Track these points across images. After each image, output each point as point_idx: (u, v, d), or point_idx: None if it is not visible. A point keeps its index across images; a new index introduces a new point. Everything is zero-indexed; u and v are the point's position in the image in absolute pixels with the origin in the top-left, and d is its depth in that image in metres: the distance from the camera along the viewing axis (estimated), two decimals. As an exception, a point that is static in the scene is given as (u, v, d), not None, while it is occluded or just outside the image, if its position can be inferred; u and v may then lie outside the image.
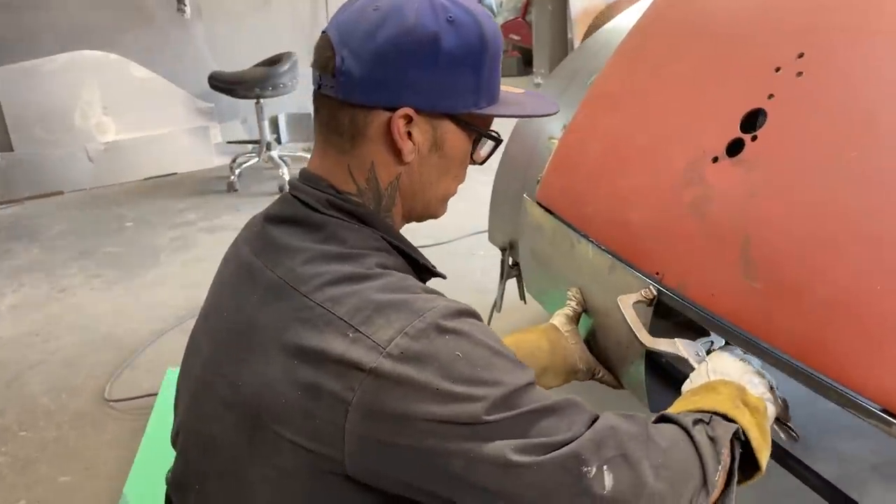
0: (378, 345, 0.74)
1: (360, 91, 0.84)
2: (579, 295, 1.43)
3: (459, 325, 0.77)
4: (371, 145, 0.87)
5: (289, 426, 0.76)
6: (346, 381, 0.73)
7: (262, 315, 0.83)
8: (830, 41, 1.16)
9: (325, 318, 0.77)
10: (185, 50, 5.22)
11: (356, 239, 0.87)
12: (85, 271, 3.58)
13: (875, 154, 1.02)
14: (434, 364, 0.73)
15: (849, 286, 0.98)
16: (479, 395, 0.73)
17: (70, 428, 2.32)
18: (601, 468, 0.73)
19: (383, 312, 0.76)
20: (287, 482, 0.79)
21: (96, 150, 4.91)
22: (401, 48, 0.82)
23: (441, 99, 0.86)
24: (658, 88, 1.41)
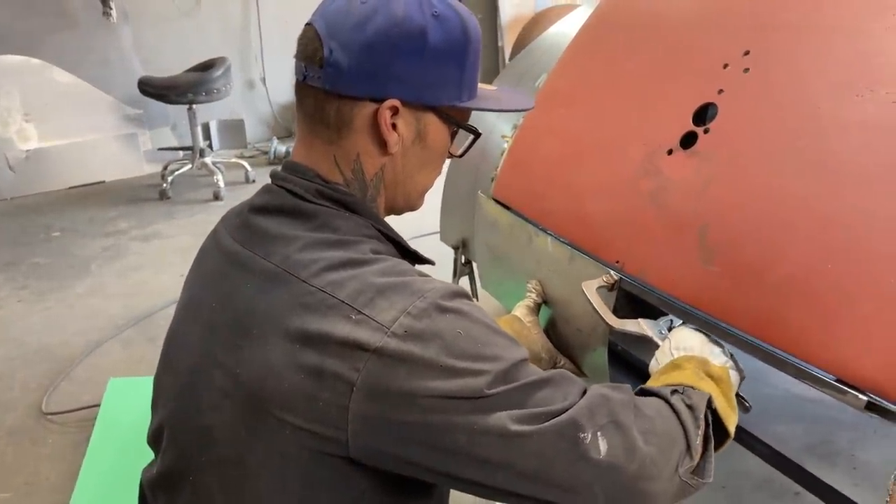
0: (382, 325, 0.76)
1: (347, 82, 0.85)
2: (539, 286, 1.48)
3: (458, 304, 0.80)
4: (357, 136, 0.88)
5: (291, 410, 0.77)
6: (351, 361, 0.75)
7: (259, 302, 0.83)
8: (774, 39, 1.24)
9: (328, 303, 0.78)
10: (111, 55, 5.06)
11: (348, 227, 0.88)
12: (11, 283, 3.43)
13: (821, 142, 1.10)
14: (437, 342, 0.76)
15: (802, 266, 1.04)
16: (481, 370, 0.76)
17: (7, 443, 2.22)
18: (595, 434, 0.77)
19: (384, 294, 0.78)
20: (289, 467, 0.79)
21: (17, 158, 4.70)
22: (390, 40, 0.84)
23: (426, 91, 0.88)
24: (612, 85, 1.47)
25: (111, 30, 5.01)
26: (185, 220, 4.24)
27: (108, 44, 5.04)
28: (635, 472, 0.79)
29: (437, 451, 0.76)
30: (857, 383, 0.96)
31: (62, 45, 4.82)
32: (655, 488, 0.81)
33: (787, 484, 1.86)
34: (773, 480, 1.89)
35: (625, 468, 0.78)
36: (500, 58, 6.92)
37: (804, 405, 2.20)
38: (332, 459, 0.78)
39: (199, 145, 4.75)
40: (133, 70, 5.03)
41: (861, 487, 1.87)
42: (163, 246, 3.86)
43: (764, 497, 1.86)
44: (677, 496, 0.86)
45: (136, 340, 2.82)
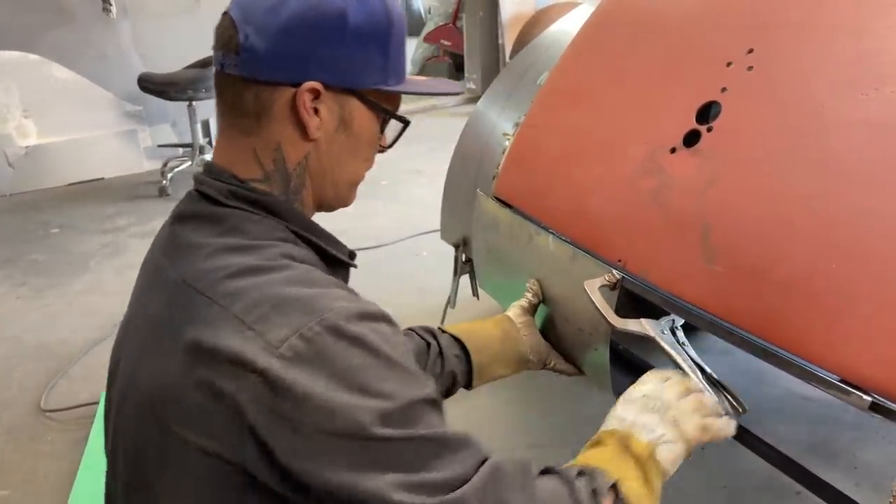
0: (271, 344, 0.72)
1: (264, 67, 0.82)
2: (536, 287, 1.46)
3: (359, 329, 0.74)
4: (277, 124, 0.85)
5: (191, 428, 0.74)
6: (240, 381, 0.71)
7: (165, 315, 0.81)
8: (778, 37, 1.23)
9: (222, 315, 0.75)
10: (110, 51, 5.05)
11: (259, 230, 0.85)
12: (10, 280, 3.42)
13: (824, 141, 1.09)
14: (326, 370, 0.71)
15: (806, 266, 1.04)
16: (368, 407, 0.71)
17: (5, 441, 2.22)
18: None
19: (280, 310, 0.74)
20: (198, 491, 0.76)
21: (16, 154, 4.70)
22: (307, 22, 0.82)
23: (348, 75, 0.86)
24: (614, 83, 1.46)
25: (110, 25, 4.99)
26: (184, 218, 4.23)
27: (108, 40, 5.02)
28: None
29: (318, 485, 0.71)
30: (861, 384, 0.96)
31: (61, 41, 4.81)
32: None
33: (788, 484, 1.85)
34: (775, 480, 1.88)
35: None
36: (501, 56, 6.91)
37: (806, 405, 2.20)
38: (234, 479, 0.74)
39: (199, 142, 4.74)
40: (132, 66, 5.02)
41: (862, 487, 1.86)
42: (162, 243, 3.85)
43: (765, 497, 1.86)
44: None
45: (135, 338, 2.81)
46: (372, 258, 3.46)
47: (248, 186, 0.86)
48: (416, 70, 8.68)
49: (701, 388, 1.10)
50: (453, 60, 8.43)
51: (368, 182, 1.02)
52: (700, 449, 2.05)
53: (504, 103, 1.94)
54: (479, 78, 7.24)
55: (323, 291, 0.77)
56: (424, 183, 4.52)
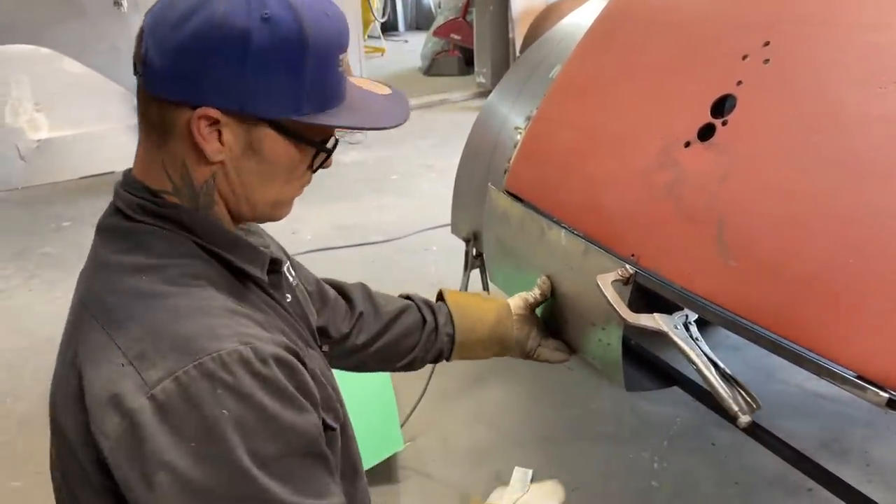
0: (146, 384, 0.71)
1: (162, 85, 0.78)
2: (547, 285, 1.46)
3: (236, 374, 0.72)
4: (180, 142, 0.81)
5: (78, 447, 0.76)
6: (110, 415, 0.71)
7: (67, 333, 0.82)
8: (795, 30, 1.22)
9: (106, 344, 0.75)
10: (121, 44, 5.06)
11: (163, 247, 0.82)
12: (22, 273, 3.44)
13: (841, 136, 1.08)
14: (195, 416, 0.70)
15: (822, 261, 1.03)
16: (236, 460, 0.70)
17: (18, 432, 2.23)
18: None
19: (160, 347, 0.73)
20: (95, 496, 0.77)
21: (28, 148, 4.71)
22: (204, 43, 0.75)
23: (250, 102, 0.79)
24: (628, 76, 1.45)
25: (121, 19, 5.01)
26: (194, 211, 4.24)
27: (119, 33, 5.04)
28: None
29: None
30: (878, 380, 0.95)
31: (72, 35, 4.82)
32: None
33: (800, 480, 1.85)
34: (787, 477, 1.88)
35: None
36: (511, 50, 6.89)
37: (817, 402, 2.19)
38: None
39: (209, 136, 4.74)
40: (143, 60, 5.02)
41: (875, 484, 1.86)
42: (172, 237, 3.86)
43: (777, 493, 1.85)
44: None
45: (146, 331, 2.83)
46: (382, 253, 3.46)
47: (159, 200, 0.83)
48: (426, 65, 8.67)
49: None
50: (463, 55, 8.41)
51: (379, 177, 1.02)
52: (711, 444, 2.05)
53: (516, 97, 1.93)
54: (490, 72, 7.22)
55: (212, 324, 0.75)
56: (434, 177, 4.52)
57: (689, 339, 1.20)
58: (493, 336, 1.36)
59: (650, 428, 2.13)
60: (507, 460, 1.98)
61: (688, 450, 2.02)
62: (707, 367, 1.16)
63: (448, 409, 2.23)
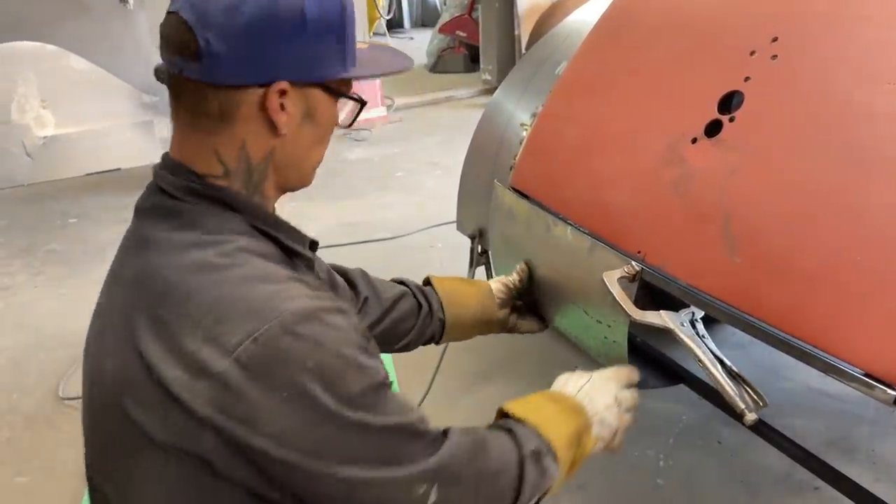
0: (226, 349, 0.74)
1: (229, 72, 0.81)
2: (525, 270, 1.58)
3: (312, 328, 0.77)
4: (243, 124, 0.84)
5: (150, 422, 0.76)
6: (196, 385, 0.73)
7: (124, 312, 0.82)
8: (803, 26, 1.21)
9: (178, 316, 0.77)
10: (127, 42, 5.07)
11: (215, 223, 0.84)
12: (28, 269, 3.44)
13: (849, 132, 1.07)
14: (282, 371, 0.74)
15: (830, 259, 1.02)
16: (325, 404, 0.75)
17: (24, 428, 2.23)
18: (432, 487, 0.82)
19: (235, 312, 0.76)
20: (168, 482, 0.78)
21: (34, 144, 4.72)
22: (267, 23, 0.79)
23: (313, 70, 0.85)
24: (634, 72, 1.45)
25: (127, 16, 5.01)
26: (200, 208, 4.24)
27: (125, 31, 5.04)
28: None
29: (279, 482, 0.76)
30: (886, 378, 0.94)
31: (78, 32, 4.83)
32: None
33: (806, 479, 1.84)
34: (793, 475, 1.87)
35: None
36: (517, 47, 6.87)
37: (823, 400, 2.18)
38: (198, 473, 0.76)
39: (214, 133, 4.75)
40: (149, 57, 5.03)
41: (882, 482, 1.85)
42: (178, 233, 3.87)
43: (783, 492, 1.84)
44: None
45: (151, 327, 2.83)
46: (387, 250, 3.45)
47: (206, 183, 0.85)
48: (432, 62, 8.67)
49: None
50: (469, 52, 8.40)
51: (384, 174, 1.04)
52: (717, 442, 2.05)
53: (521, 94, 1.92)
54: (495, 69, 7.20)
55: (278, 289, 0.79)
56: (439, 174, 4.51)
57: (695, 336, 1.20)
58: (479, 318, 1.46)
59: (655, 426, 2.12)
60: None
61: (693, 448, 2.02)
62: (713, 365, 1.16)
63: (452, 408, 2.22)
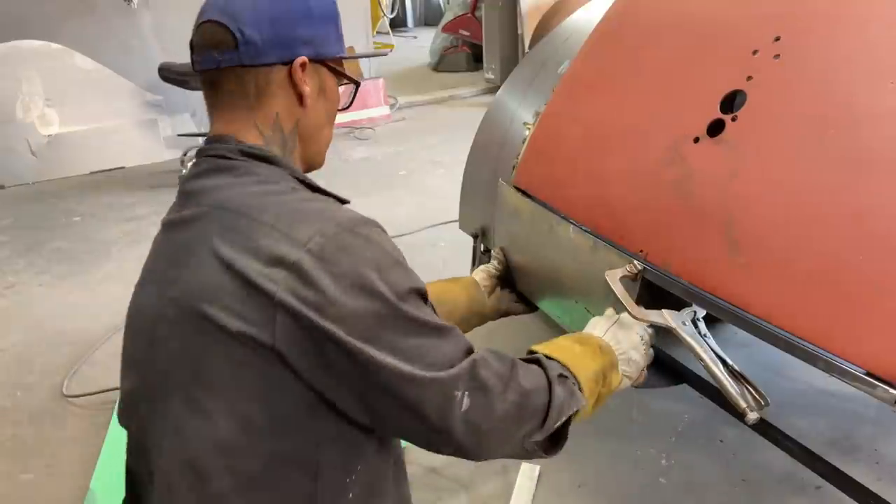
0: (299, 242, 0.86)
1: (262, 54, 0.98)
2: (501, 255, 1.71)
3: (368, 231, 0.90)
4: (274, 98, 1.01)
5: (229, 317, 0.85)
6: (273, 272, 0.84)
7: (192, 235, 0.93)
8: (806, 25, 1.21)
9: (252, 224, 0.89)
10: (131, 41, 5.09)
11: (268, 173, 0.97)
12: (32, 267, 3.46)
13: (852, 132, 1.07)
14: (346, 261, 0.86)
15: (832, 258, 1.02)
16: (380, 291, 0.86)
17: (28, 425, 2.24)
18: (464, 393, 0.89)
19: (302, 217, 0.89)
20: (239, 376, 0.86)
21: (39, 143, 4.74)
22: (285, 10, 0.99)
23: (321, 48, 1.03)
24: (637, 72, 1.45)
25: (132, 15, 5.03)
26: (203, 207, 4.25)
27: (129, 30, 5.06)
28: (486, 430, 0.91)
29: (335, 365, 0.85)
30: (888, 377, 0.94)
31: (83, 31, 4.85)
32: (498, 448, 0.96)
33: (808, 478, 1.84)
34: (795, 474, 1.87)
35: (479, 425, 0.90)
36: (520, 46, 6.87)
37: (826, 399, 2.18)
38: (268, 364, 0.84)
39: (219, 132, 4.76)
40: (153, 56, 5.05)
41: (884, 482, 1.85)
42: (182, 232, 3.88)
43: (785, 491, 1.84)
44: (516, 455, 1.01)
45: (155, 325, 2.84)
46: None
47: (253, 145, 0.99)
48: (435, 61, 8.67)
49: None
50: (472, 51, 8.40)
51: (387, 173, 1.09)
52: (719, 441, 2.04)
53: (524, 93, 1.92)
54: (498, 68, 7.21)
55: (332, 206, 0.95)
56: (442, 173, 4.52)
57: (697, 335, 1.20)
58: (470, 313, 1.54)
59: (657, 424, 2.13)
60: (514, 456, 1.99)
61: (695, 446, 2.02)
62: (715, 364, 1.16)
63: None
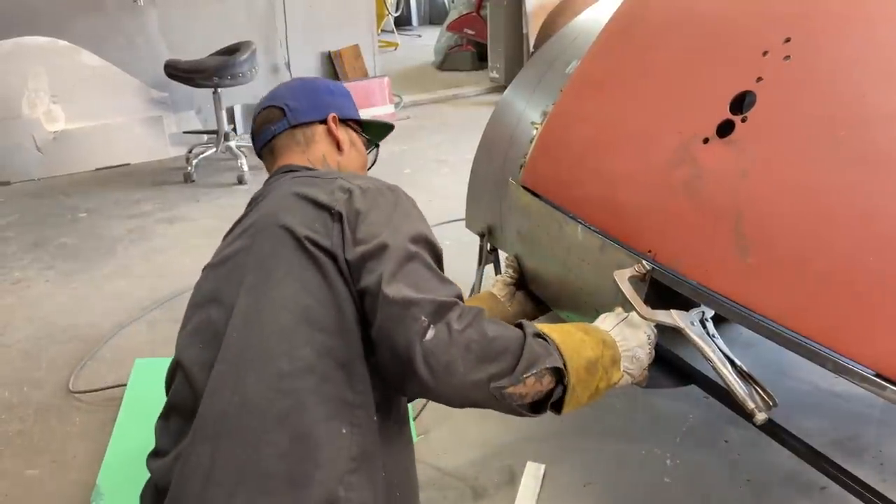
0: (353, 183, 1.22)
1: (303, 114, 1.48)
2: (514, 262, 1.73)
3: (398, 191, 1.26)
4: (319, 144, 1.47)
5: (300, 226, 1.15)
6: (336, 198, 1.18)
7: (270, 192, 1.30)
8: (816, 26, 1.21)
9: (316, 179, 1.27)
10: (137, 38, 5.10)
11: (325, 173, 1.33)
12: (39, 262, 3.47)
13: (863, 133, 1.07)
14: (382, 198, 1.20)
15: (842, 259, 1.02)
16: (403, 228, 1.14)
17: (34, 421, 2.25)
18: (430, 323, 1.02)
19: (353, 178, 1.26)
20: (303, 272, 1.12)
21: (45, 139, 4.75)
22: (315, 89, 1.53)
23: (343, 111, 1.52)
24: (646, 73, 1.45)
25: (138, 13, 5.04)
26: (209, 204, 4.27)
27: (135, 27, 5.07)
28: (445, 362, 1.01)
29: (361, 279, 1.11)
30: (897, 378, 0.95)
31: (90, 28, 4.86)
32: (459, 385, 1.02)
33: (813, 478, 1.84)
34: (799, 475, 1.87)
35: (438, 356, 1.01)
36: (525, 45, 6.88)
37: (830, 400, 2.18)
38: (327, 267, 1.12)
39: (224, 129, 4.76)
40: (159, 53, 5.06)
41: (889, 483, 1.85)
42: (187, 229, 3.89)
43: (789, 491, 1.85)
44: (487, 402, 1.06)
45: (161, 322, 2.84)
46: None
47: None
48: (440, 60, 8.68)
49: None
50: (476, 50, 8.40)
51: (391, 172, 1.28)
52: (724, 442, 2.05)
53: (532, 92, 1.93)
54: (503, 67, 7.21)
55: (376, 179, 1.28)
56: (447, 172, 4.52)
57: (705, 335, 1.21)
58: None
59: (662, 424, 2.13)
60: (519, 455, 1.99)
61: (700, 447, 2.02)
62: (724, 364, 1.16)
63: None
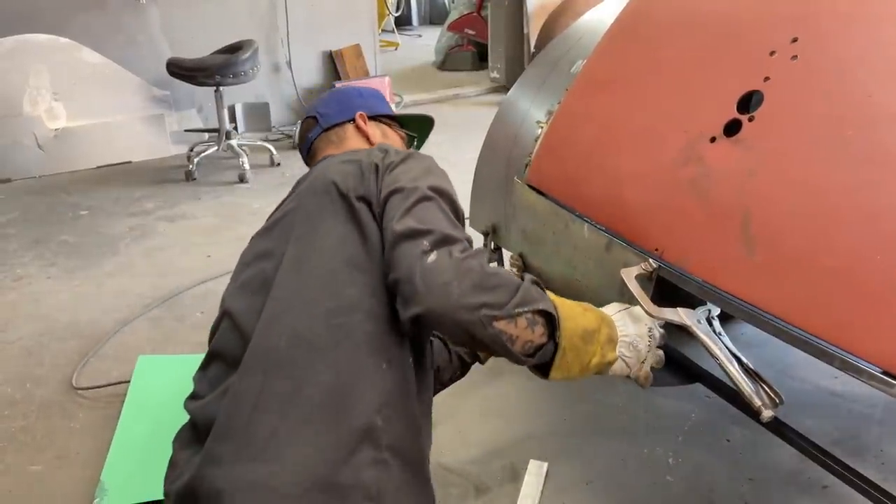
0: (393, 148, 1.39)
1: (333, 118, 1.66)
2: (519, 261, 1.80)
3: (426, 157, 1.37)
4: (350, 141, 1.63)
5: (344, 185, 1.28)
6: (374, 156, 1.34)
7: (314, 170, 1.42)
8: (823, 26, 1.22)
9: (357, 151, 1.41)
10: (139, 36, 5.10)
11: None
12: (40, 260, 3.47)
13: (870, 132, 1.08)
14: (411, 162, 1.32)
15: (849, 257, 1.03)
16: (427, 180, 1.26)
17: (37, 417, 2.25)
18: (434, 249, 1.11)
19: (391, 146, 1.41)
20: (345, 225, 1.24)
21: (46, 136, 4.75)
22: (346, 95, 1.72)
23: (373, 109, 1.69)
24: (653, 72, 1.46)
25: (140, 10, 5.04)
26: (210, 202, 4.27)
27: (137, 25, 5.07)
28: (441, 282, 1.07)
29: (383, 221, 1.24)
30: (905, 376, 0.95)
31: (91, 25, 4.86)
32: (453, 304, 1.06)
33: (815, 477, 1.85)
34: (801, 474, 1.88)
35: (436, 277, 1.08)
36: (526, 45, 6.88)
37: (833, 399, 2.19)
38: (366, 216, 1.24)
39: (226, 128, 4.77)
40: (161, 51, 5.06)
41: (890, 483, 1.85)
42: (189, 227, 3.89)
43: (791, 490, 1.85)
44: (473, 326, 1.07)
45: (163, 319, 2.85)
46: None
47: None
48: (440, 60, 8.69)
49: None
50: (477, 50, 8.41)
51: None
52: (726, 441, 2.05)
53: (536, 92, 1.93)
54: (503, 67, 7.22)
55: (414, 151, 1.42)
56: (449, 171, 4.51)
57: (712, 333, 1.21)
58: None
59: (664, 423, 2.13)
60: (522, 453, 1.99)
61: (702, 445, 2.03)
62: (731, 362, 1.17)
63: (463, 402, 2.24)
